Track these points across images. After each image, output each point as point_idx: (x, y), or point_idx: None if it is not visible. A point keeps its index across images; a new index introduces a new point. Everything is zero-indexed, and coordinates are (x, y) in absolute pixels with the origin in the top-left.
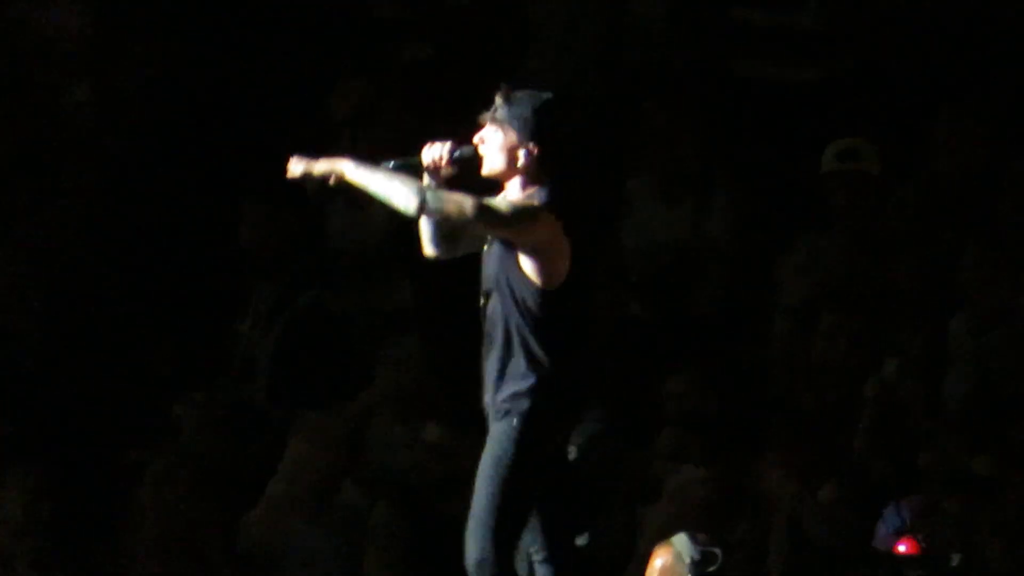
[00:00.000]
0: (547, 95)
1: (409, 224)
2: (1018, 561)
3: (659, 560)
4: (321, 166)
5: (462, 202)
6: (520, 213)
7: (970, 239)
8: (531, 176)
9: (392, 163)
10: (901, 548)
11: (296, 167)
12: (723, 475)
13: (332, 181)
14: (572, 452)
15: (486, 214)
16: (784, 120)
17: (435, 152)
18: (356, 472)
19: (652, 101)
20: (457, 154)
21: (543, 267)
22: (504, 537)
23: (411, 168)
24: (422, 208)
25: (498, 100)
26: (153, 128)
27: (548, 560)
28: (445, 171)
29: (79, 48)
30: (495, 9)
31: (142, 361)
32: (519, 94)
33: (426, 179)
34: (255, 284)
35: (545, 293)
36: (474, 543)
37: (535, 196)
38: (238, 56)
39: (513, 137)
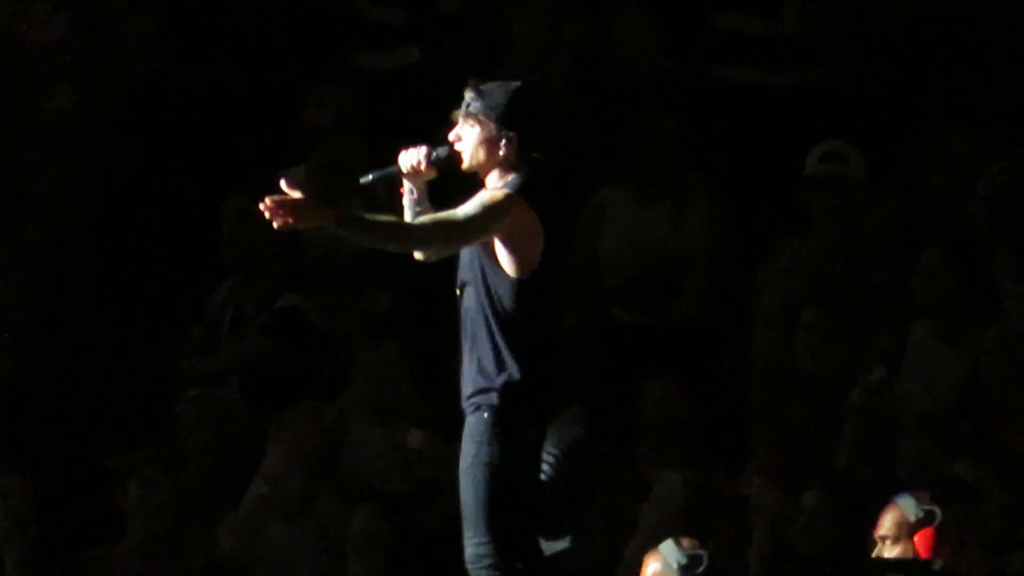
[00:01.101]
0: (516, 83)
1: None
2: (999, 566)
3: (649, 568)
4: (313, 216)
5: (444, 226)
6: (493, 210)
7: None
8: (509, 164)
9: (370, 176)
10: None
11: (287, 215)
12: (704, 480)
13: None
14: (552, 456)
15: (468, 230)
16: (763, 125)
17: (412, 157)
18: (335, 476)
19: (632, 106)
20: (435, 156)
21: (516, 254)
22: (496, 530)
23: (389, 178)
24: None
25: (469, 94)
26: (134, 132)
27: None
28: (425, 175)
29: (58, 54)
30: (481, 14)
31: (125, 365)
32: (489, 86)
33: (406, 185)
34: (235, 288)
35: (519, 283)
36: (468, 540)
37: (510, 183)
38: (220, 59)
39: (491, 128)
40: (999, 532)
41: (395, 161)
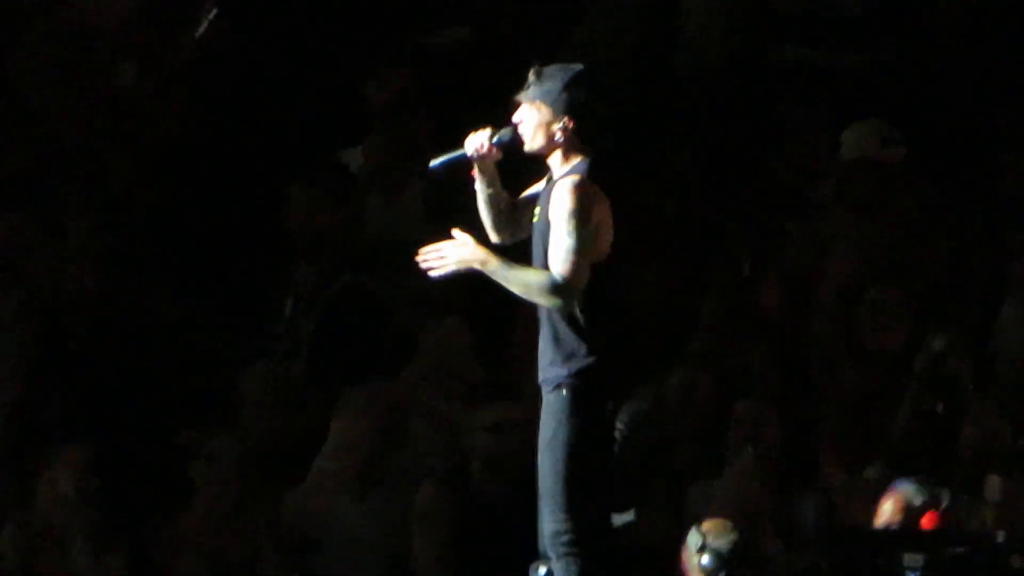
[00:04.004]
0: (577, 67)
1: (446, 209)
2: None
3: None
4: (471, 260)
5: (562, 261)
6: (583, 217)
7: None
8: (570, 148)
9: (438, 162)
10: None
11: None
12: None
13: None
14: (619, 430)
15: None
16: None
17: (477, 141)
18: (399, 452)
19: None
20: (497, 139)
21: (593, 240)
22: (574, 508)
23: (457, 162)
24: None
25: (530, 78)
26: (200, 110)
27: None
28: (491, 157)
29: (125, 33)
30: None
31: (194, 339)
32: (549, 69)
33: (475, 167)
34: (298, 265)
35: (593, 268)
36: (547, 516)
37: (577, 168)
38: (284, 39)
39: (547, 113)
40: None
41: (462, 145)
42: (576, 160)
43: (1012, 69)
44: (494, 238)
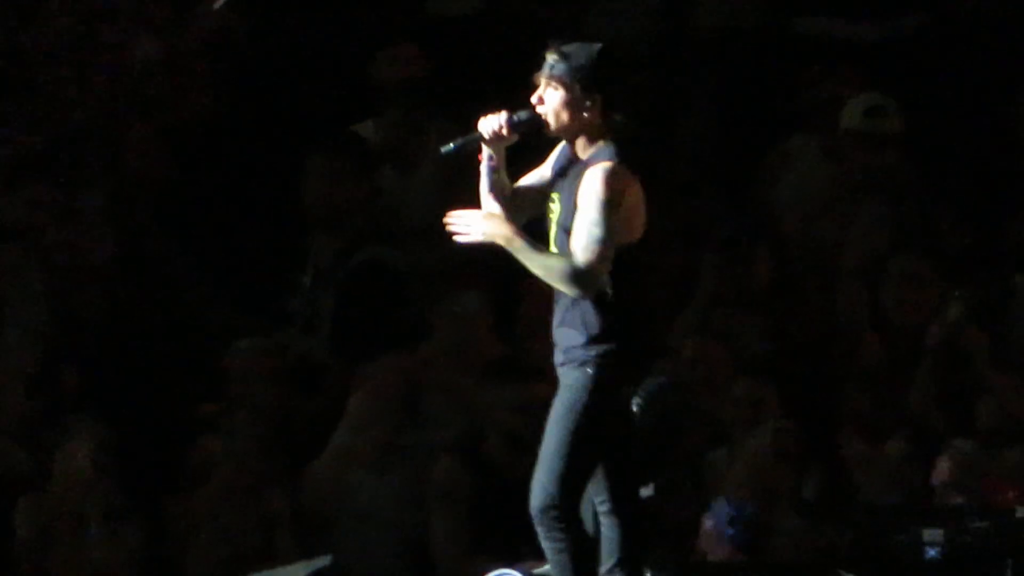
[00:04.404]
0: (598, 45)
1: (459, 187)
2: None
3: (706, 522)
4: (496, 233)
5: (586, 249)
6: (611, 205)
7: None
8: (597, 129)
9: (452, 145)
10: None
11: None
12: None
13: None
14: (636, 404)
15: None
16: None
17: (493, 123)
18: (417, 427)
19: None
20: (516, 120)
21: (623, 223)
22: (570, 484)
23: (471, 145)
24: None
25: (552, 57)
26: (220, 84)
27: (614, 511)
28: (507, 140)
29: (142, 5)
30: None
31: (209, 314)
32: (571, 48)
33: (484, 152)
34: (316, 239)
35: (624, 248)
36: (540, 488)
37: (604, 152)
38: (299, 11)
39: (577, 91)
40: None
41: (475, 127)
42: (602, 142)
43: None
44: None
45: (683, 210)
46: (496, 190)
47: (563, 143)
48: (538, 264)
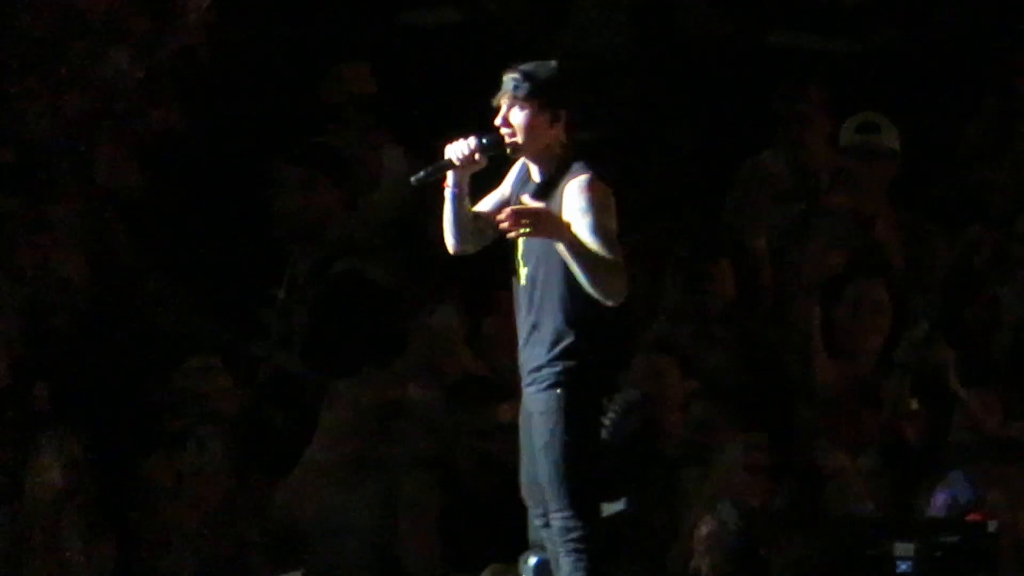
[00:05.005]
0: (554, 61)
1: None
2: None
3: (704, 528)
4: (548, 229)
5: (607, 246)
6: (609, 209)
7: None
8: (564, 145)
9: (423, 173)
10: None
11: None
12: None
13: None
14: (608, 418)
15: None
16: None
17: (462, 148)
18: (389, 442)
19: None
20: (484, 143)
21: None
22: (580, 504)
23: (439, 172)
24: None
25: (512, 77)
26: (191, 94)
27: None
28: (476, 165)
29: (114, 17)
30: None
31: (182, 328)
32: (529, 66)
33: (449, 179)
34: (291, 251)
35: None
36: (554, 515)
37: (579, 167)
38: (272, 21)
39: (542, 109)
40: None
41: (440, 155)
42: (572, 159)
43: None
44: (457, 248)
45: (650, 225)
46: (461, 215)
47: (520, 162)
48: (586, 257)
